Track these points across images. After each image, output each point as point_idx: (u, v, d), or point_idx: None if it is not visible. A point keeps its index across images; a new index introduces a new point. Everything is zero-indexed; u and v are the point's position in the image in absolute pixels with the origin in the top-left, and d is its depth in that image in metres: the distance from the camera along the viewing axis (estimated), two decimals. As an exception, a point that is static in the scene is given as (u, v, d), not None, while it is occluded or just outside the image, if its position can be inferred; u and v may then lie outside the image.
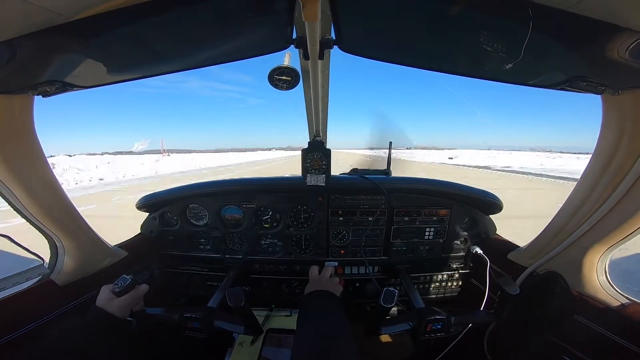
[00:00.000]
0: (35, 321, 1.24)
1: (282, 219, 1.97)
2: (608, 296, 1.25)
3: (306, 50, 0.93)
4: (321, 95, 1.26)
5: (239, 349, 1.71)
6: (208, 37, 0.92)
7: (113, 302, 1.28)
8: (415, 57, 1.10)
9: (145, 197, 2.02)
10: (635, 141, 1.04)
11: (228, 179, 2.02)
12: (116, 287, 1.31)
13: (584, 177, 1.26)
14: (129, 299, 1.33)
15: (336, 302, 1.39)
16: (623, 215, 1.13)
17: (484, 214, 1.99)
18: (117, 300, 1.29)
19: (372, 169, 2.15)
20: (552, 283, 1.43)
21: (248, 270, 2.09)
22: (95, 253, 1.58)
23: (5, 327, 1.15)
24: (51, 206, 1.30)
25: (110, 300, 1.28)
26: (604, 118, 1.11)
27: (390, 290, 1.32)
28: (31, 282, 1.35)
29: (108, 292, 1.31)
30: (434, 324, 1.41)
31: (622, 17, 0.64)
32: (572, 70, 0.92)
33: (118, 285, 1.31)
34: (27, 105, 1.08)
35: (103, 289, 1.34)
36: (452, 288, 2.16)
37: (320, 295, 1.42)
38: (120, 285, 1.31)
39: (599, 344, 1.20)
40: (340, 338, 1.11)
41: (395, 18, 0.82)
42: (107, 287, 1.34)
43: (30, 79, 0.95)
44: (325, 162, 1.77)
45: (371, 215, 1.91)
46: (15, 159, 1.12)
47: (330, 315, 1.27)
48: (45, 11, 0.65)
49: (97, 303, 1.28)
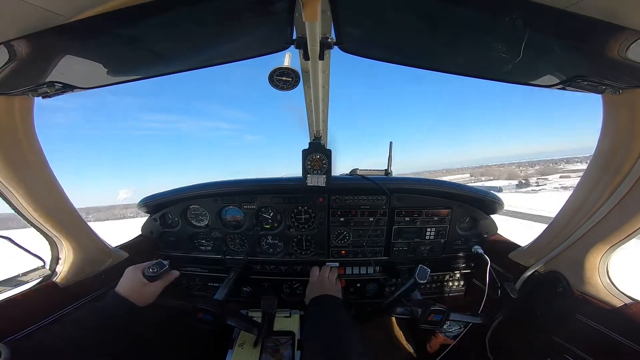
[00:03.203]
0: (36, 322, 1.24)
1: (282, 220, 1.97)
2: (610, 296, 1.25)
3: (306, 50, 0.92)
4: (321, 96, 1.26)
5: (239, 350, 1.70)
6: (208, 37, 0.92)
7: (147, 287, 1.19)
8: (415, 57, 1.10)
9: (146, 198, 2.02)
10: (636, 141, 1.03)
11: (229, 180, 2.02)
12: (151, 272, 1.21)
13: (585, 177, 1.26)
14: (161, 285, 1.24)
15: (340, 308, 1.40)
16: (624, 215, 1.13)
17: (485, 214, 1.98)
18: (151, 286, 1.20)
19: (372, 169, 2.15)
20: (554, 283, 1.43)
21: (249, 271, 2.08)
22: (96, 254, 1.58)
23: (7, 328, 1.15)
24: (51, 207, 1.30)
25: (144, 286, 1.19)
26: (604, 118, 1.11)
27: (424, 267, 1.51)
28: (32, 283, 1.35)
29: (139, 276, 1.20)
30: (435, 315, 1.48)
31: (622, 16, 0.64)
32: (573, 70, 0.91)
33: (153, 270, 1.22)
34: (27, 107, 1.08)
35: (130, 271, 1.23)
36: (453, 288, 2.16)
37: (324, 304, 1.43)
38: (156, 271, 1.22)
39: (600, 344, 1.19)
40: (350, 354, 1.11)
41: (395, 18, 0.82)
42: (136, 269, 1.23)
43: (31, 80, 0.95)
44: (325, 162, 1.77)
45: (372, 216, 1.91)
46: (16, 160, 1.12)
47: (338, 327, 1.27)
48: (45, 12, 0.65)
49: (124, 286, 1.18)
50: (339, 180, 1.93)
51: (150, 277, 1.22)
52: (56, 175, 1.29)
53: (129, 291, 1.18)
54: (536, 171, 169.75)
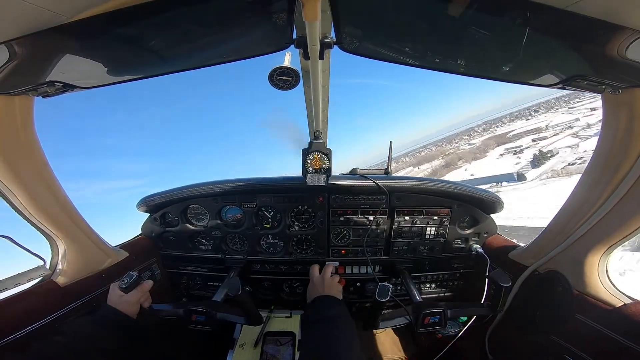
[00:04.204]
0: (37, 322, 1.24)
1: (282, 219, 1.97)
2: (610, 295, 1.25)
3: (306, 50, 0.92)
4: (321, 95, 1.26)
5: (240, 351, 1.70)
6: (209, 37, 0.92)
7: (123, 298, 1.30)
8: (415, 56, 1.10)
9: (146, 197, 2.02)
10: (635, 140, 1.04)
11: (228, 179, 2.02)
12: (123, 284, 1.32)
13: (585, 176, 1.26)
14: (137, 294, 1.35)
15: (341, 309, 1.40)
16: (624, 215, 1.13)
17: (485, 214, 1.98)
18: (126, 297, 1.31)
19: (372, 169, 2.15)
20: (554, 282, 1.43)
21: (249, 271, 2.09)
22: (96, 254, 1.58)
23: (7, 327, 1.15)
24: (51, 207, 1.30)
25: (121, 297, 1.30)
26: (604, 117, 1.11)
27: (385, 285, 1.36)
28: (32, 282, 1.35)
29: (118, 290, 1.32)
30: (432, 316, 1.44)
31: (622, 16, 0.64)
32: (573, 69, 0.92)
33: (124, 282, 1.32)
34: (27, 106, 1.08)
35: (112, 287, 1.35)
36: (453, 288, 2.16)
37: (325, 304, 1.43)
38: (126, 282, 1.32)
39: (600, 343, 1.20)
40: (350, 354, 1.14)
41: (395, 18, 0.82)
42: (115, 285, 1.35)
43: (31, 80, 0.95)
44: (325, 162, 1.77)
45: (372, 215, 1.91)
46: (15, 160, 1.12)
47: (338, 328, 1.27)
48: (46, 12, 0.65)
49: (109, 302, 1.30)
50: (339, 179, 1.94)
51: (123, 289, 1.32)
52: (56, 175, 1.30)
53: (113, 304, 1.30)
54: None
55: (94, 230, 1.56)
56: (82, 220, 1.48)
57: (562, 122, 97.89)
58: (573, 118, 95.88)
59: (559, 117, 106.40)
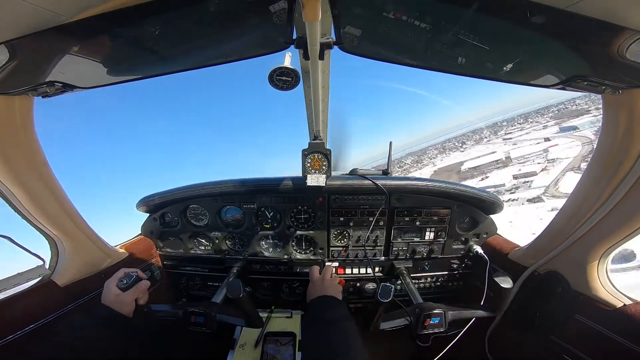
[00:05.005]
0: (36, 321, 1.24)
1: (282, 220, 1.97)
2: (609, 296, 1.25)
3: (306, 50, 0.92)
4: (321, 96, 1.26)
5: (240, 351, 1.70)
6: (209, 37, 0.92)
7: (119, 297, 1.30)
8: (415, 57, 1.10)
9: (145, 197, 2.02)
10: (635, 141, 1.04)
11: (228, 179, 2.02)
12: (122, 284, 1.33)
13: (585, 177, 1.26)
14: (133, 294, 1.35)
15: (341, 309, 1.40)
16: (624, 215, 1.13)
17: (485, 214, 1.98)
18: (122, 296, 1.31)
19: (372, 169, 2.15)
20: (553, 283, 1.43)
21: (248, 271, 2.08)
22: (95, 254, 1.58)
23: (7, 327, 1.15)
24: (51, 207, 1.30)
25: (117, 296, 1.31)
26: (604, 117, 1.11)
27: (387, 285, 1.33)
28: (32, 282, 1.35)
29: (113, 288, 1.32)
30: (432, 318, 1.43)
31: (622, 16, 0.64)
32: (573, 70, 0.92)
33: (124, 282, 1.33)
34: (27, 106, 1.08)
35: (107, 284, 1.35)
36: (453, 288, 2.16)
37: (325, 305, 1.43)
38: (125, 282, 1.33)
39: (599, 344, 1.20)
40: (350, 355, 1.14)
41: (395, 18, 0.82)
42: (111, 283, 1.35)
43: (30, 80, 0.95)
44: (325, 162, 1.77)
45: (372, 216, 1.91)
46: (15, 160, 1.12)
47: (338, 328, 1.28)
48: (46, 12, 0.65)
49: (103, 300, 1.30)
50: (339, 180, 1.93)
51: (122, 288, 1.32)
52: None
53: (108, 302, 1.29)
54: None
55: (93, 230, 1.56)
56: (82, 220, 1.48)
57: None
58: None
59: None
